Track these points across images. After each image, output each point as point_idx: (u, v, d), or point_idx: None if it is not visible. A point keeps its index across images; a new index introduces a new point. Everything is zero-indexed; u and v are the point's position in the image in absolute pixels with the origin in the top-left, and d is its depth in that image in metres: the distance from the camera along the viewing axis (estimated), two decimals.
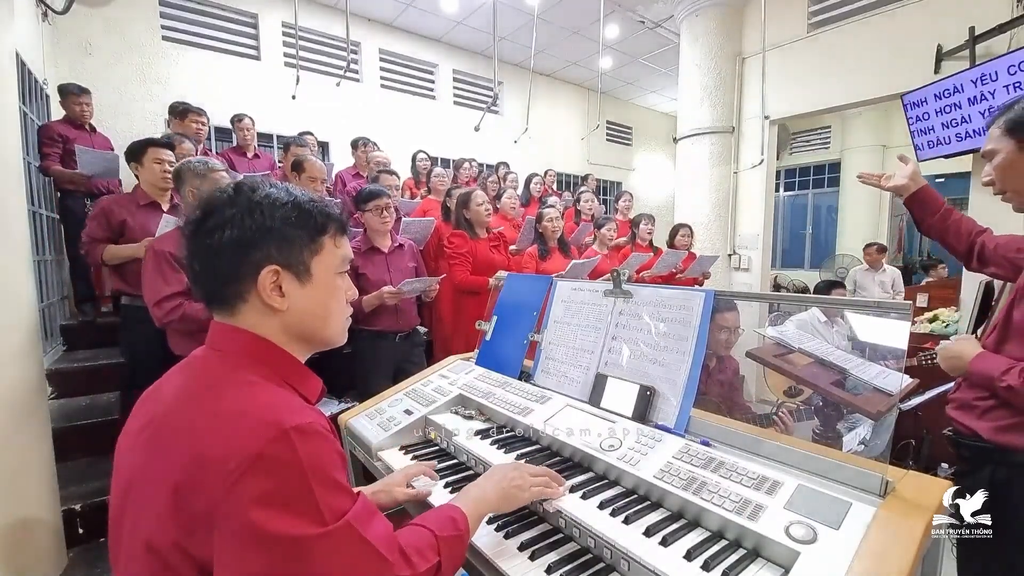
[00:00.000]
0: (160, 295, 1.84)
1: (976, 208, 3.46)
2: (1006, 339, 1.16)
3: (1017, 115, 1.15)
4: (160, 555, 0.57)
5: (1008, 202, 1.21)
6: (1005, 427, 1.13)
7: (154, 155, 2.34)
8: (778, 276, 7.90)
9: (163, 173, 2.35)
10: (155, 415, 0.67)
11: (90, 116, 3.60)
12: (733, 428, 1.05)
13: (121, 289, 2.36)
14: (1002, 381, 1.09)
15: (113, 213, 2.32)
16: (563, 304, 1.51)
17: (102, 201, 2.42)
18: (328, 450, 0.62)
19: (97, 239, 2.32)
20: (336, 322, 0.78)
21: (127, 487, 0.64)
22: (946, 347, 1.27)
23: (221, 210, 0.68)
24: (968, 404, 1.22)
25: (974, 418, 1.20)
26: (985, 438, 1.15)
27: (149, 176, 2.36)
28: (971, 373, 1.19)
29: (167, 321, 1.86)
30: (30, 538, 1.89)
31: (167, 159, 2.37)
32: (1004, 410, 1.13)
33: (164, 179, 2.36)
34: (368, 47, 6.20)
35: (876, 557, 0.69)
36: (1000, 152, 1.17)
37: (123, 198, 2.46)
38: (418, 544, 0.69)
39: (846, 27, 4.05)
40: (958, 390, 1.28)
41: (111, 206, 2.35)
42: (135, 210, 2.36)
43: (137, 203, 2.38)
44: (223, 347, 0.70)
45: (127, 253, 2.29)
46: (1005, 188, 1.19)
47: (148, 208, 2.37)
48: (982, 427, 1.17)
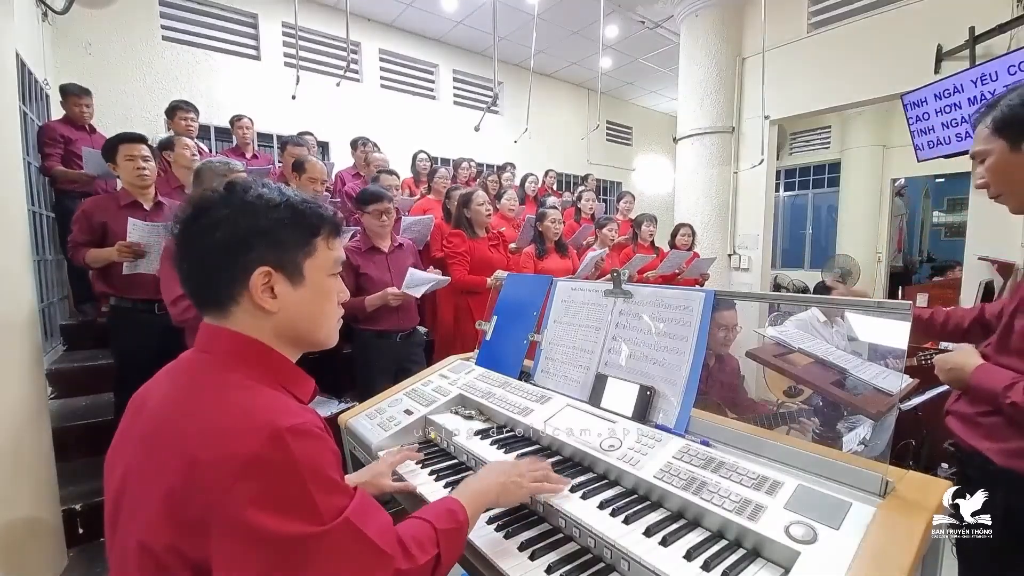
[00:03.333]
0: (175, 294, 1.82)
1: (976, 208, 3.46)
2: (1006, 349, 1.11)
3: (1004, 113, 1.06)
4: (154, 556, 0.57)
5: (1004, 204, 1.15)
6: (1016, 451, 1.05)
7: (126, 152, 2.24)
8: (778, 276, 7.89)
9: (137, 170, 2.25)
10: (146, 418, 0.66)
11: (90, 117, 3.60)
12: (733, 428, 1.05)
13: (107, 291, 2.30)
14: (1006, 397, 1.02)
15: (94, 215, 2.24)
16: (563, 304, 1.51)
17: (84, 203, 2.34)
18: (323, 449, 0.62)
19: (80, 243, 2.24)
20: (328, 324, 0.77)
21: (121, 489, 0.64)
22: (945, 359, 1.21)
23: (213, 210, 0.67)
24: (972, 420, 1.15)
25: (980, 437, 1.12)
26: (997, 463, 1.07)
27: (124, 175, 2.27)
28: (973, 388, 1.13)
29: (183, 319, 1.84)
30: (30, 538, 1.89)
31: (140, 154, 2.26)
32: (1014, 429, 1.06)
33: (140, 177, 2.27)
34: (368, 47, 6.21)
35: (876, 557, 0.69)
36: (991, 153, 1.09)
37: (104, 199, 2.36)
38: (418, 537, 0.69)
39: (846, 27, 4.05)
40: (958, 400, 1.22)
41: (92, 208, 2.27)
42: (116, 211, 2.26)
43: (119, 204, 2.29)
44: (213, 348, 0.69)
45: (104, 256, 2.19)
46: (1000, 191, 1.12)
47: (129, 208, 2.28)
48: (991, 448, 1.09)
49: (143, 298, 2.28)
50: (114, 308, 2.32)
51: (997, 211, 1.28)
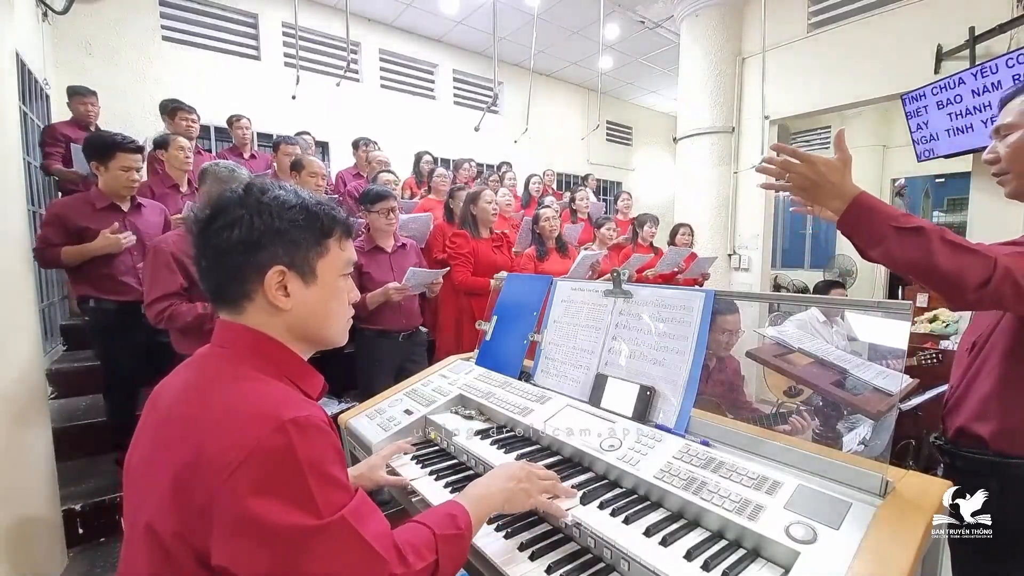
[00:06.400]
0: (150, 297, 1.85)
1: (976, 208, 3.46)
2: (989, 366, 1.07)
3: None
4: (161, 542, 0.59)
5: (1004, 185, 1.09)
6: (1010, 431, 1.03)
7: (123, 162, 2.19)
8: (778, 276, 7.89)
9: (129, 182, 2.21)
10: (161, 408, 0.69)
11: (95, 117, 3.60)
12: (733, 428, 1.05)
13: (87, 293, 2.24)
14: (907, 221, 0.90)
15: (69, 218, 2.15)
16: (563, 304, 1.51)
17: (55, 206, 2.25)
18: (325, 444, 0.63)
19: (54, 243, 2.14)
20: (338, 323, 0.79)
21: (135, 474, 0.67)
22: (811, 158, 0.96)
23: (230, 210, 0.69)
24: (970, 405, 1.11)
25: (976, 420, 1.08)
26: (992, 448, 1.05)
27: (113, 183, 2.20)
28: (858, 204, 0.94)
29: (157, 322, 1.86)
30: (30, 538, 1.89)
31: (135, 166, 2.22)
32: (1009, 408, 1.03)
33: (130, 187, 2.23)
34: (368, 47, 6.21)
35: (876, 557, 0.69)
36: (1018, 129, 1.02)
37: (78, 201, 2.24)
38: (415, 542, 0.69)
39: (846, 27, 4.05)
40: (955, 395, 1.18)
41: (65, 211, 2.17)
42: (92, 213, 2.18)
43: (94, 206, 2.20)
44: (228, 344, 0.72)
45: (85, 251, 2.14)
46: (1011, 170, 1.05)
47: (107, 211, 2.22)
48: (990, 432, 1.06)
49: (128, 300, 2.25)
50: (93, 309, 2.26)
51: (997, 211, 1.27)
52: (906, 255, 0.91)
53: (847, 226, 0.97)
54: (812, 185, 0.96)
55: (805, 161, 0.96)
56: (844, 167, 0.96)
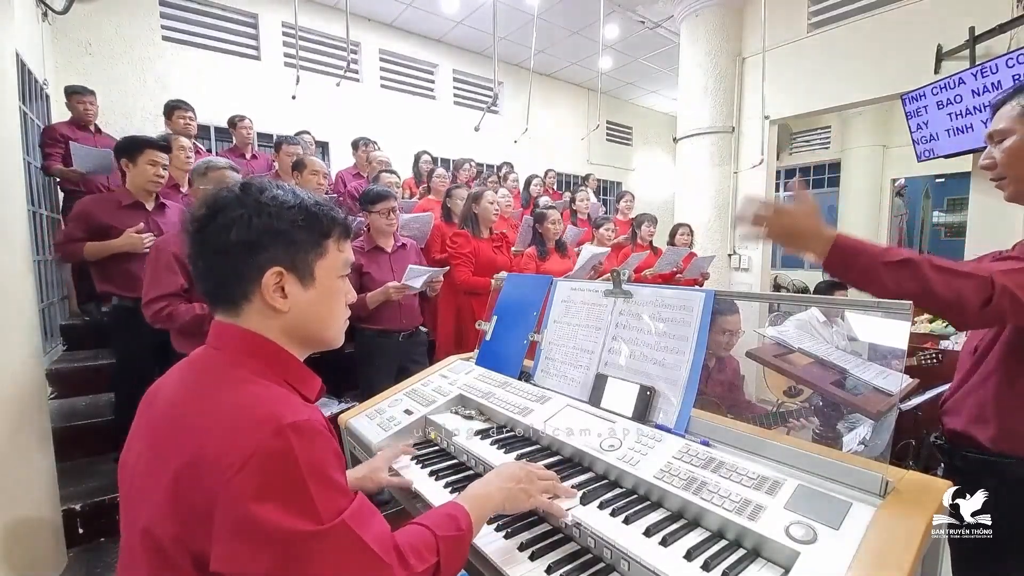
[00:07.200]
0: (148, 296, 1.86)
1: (976, 208, 3.46)
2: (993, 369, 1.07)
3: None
4: (159, 546, 0.58)
5: (1002, 189, 1.10)
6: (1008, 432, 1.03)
7: (151, 156, 2.29)
8: (778, 276, 7.90)
9: (156, 176, 2.31)
10: (157, 410, 0.68)
11: (94, 116, 3.60)
12: (733, 428, 1.05)
13: (109, 290, 2.31)
14: (896, 255, 0.92)
15: (94, 215, 2.24)
16: (563, 304, 1.51)
17: (83, 203, 2.32)
18: (325, 448, 0.62)
19: (76, 239, 2.23)
20: (336, 324, 0.78)
21: (131, 478, 0.66)
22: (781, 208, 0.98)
23: (228, 210, 0.68)
24: (967, 408, 1.12)
25: (974, 423, 1.09)
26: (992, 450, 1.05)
27: (140, 177, 2.30)
28: (839, 246, 0.95)
29: (154, 322, 1.88)
30: (30, 538, 1.89)
31: (162, 162, 2.34)
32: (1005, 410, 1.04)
33: (156, 182, 2.32)
34: (368, 47, 6.21)
35: (876, 557, 0.69)
36: (1012, 134, 1.03)
37: (104, 199, 2.37)
38: (416, 544, 0.69)
39: (846, 27, 4.05)
40: (953, 395, 1.19)
41: (91, 208, 2.26)
42: (117, 211, 2.28)
43: (119, 203, 2.30)
44: (223, 345, 0.71)
45: (108, 248, 2.20)
46: (1009, 174, 1.06)
47: (132, 208, 2.31)
48: (986, 435, 1.07)
49: None
50: (116, 308, 2.32)
51: (997, 211, 1.27)
52: (902, 289, 0.93)
53: (834, 268, 0.99)
54: (786, 233, 1.00)
55: (776, 212, 0.99)
56: (813, 211, 0.98)
